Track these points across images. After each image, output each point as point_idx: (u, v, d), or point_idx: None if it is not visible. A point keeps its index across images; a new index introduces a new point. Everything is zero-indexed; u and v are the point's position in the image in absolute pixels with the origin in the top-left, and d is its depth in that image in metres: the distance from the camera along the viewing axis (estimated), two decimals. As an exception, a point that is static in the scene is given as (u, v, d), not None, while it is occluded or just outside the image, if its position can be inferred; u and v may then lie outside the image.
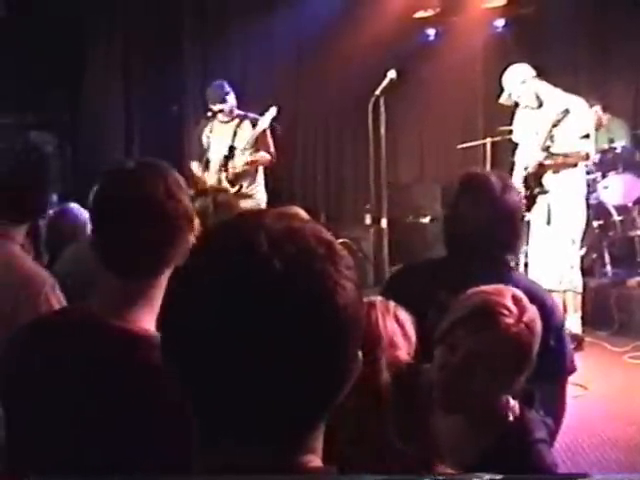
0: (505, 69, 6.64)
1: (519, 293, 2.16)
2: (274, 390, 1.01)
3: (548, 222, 6.61)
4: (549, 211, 6.58)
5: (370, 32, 9.34)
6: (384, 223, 6.32)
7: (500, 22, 9.77)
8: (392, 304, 2.04)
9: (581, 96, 8.40)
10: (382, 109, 6.07)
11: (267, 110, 7.11)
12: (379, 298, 2.05)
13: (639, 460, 4.69)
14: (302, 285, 1.01)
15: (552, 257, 6.61)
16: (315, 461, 1.08)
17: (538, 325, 2.14)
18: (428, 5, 9.78)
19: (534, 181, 6.51)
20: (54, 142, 8.51)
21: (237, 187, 7.18)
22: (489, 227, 2.83)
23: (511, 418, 2.15)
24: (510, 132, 8.04)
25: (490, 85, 9.80)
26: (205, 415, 1.06)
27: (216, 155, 7.26)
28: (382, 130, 6.09)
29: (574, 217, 6.64)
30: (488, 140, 8.60)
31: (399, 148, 10.24)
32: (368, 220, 6.43)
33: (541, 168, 6.48)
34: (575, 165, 6.59)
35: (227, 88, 7.27)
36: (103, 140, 9.02)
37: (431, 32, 10.24)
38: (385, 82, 6.05)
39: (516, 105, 6.73)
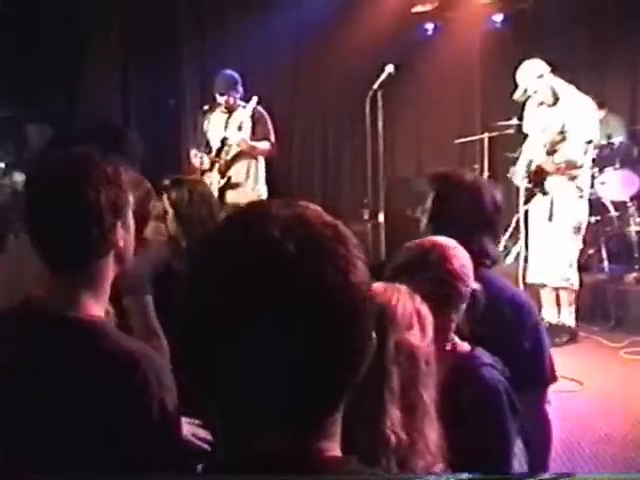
0: (518, 65, 6.55)
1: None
2: (293, 372, 1.03)
3: (550, 218, 6.60)
4: (552, 208, 6.57)
5: (368, 27, 9.33)
6: (381, 218, 6.32)
7: (498, 17, 9.77)
8: (418, 297, 2.03)
9: (580, 91, 8.46)
10: (380, 104, 6.08)
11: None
12: (404, 287, 2.05)
13: (635, 456, 4.69)
14: (316, 266, 1.04)
15: (551, 253, 6.61)
16: (333, 449, 1.10)
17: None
18: (426, 0, 9.77)
19: (535, 180, 6.50)
20: (51, 134, 8.53)
21: (226, 178, 7.17)
22: (463, 227, 2.81)
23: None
24: (507, 127, 8.07)
25: (488, 80, 9.85)
26: (225, 401, 1.08)
27: (215, 145, 7.27)
28: (379, 125, 6.09)
29: (576, 214, 6.59)
30: (485, 135, 8.62)
31: (396, 143, 10.24)
32: (366, 215, 6.42)
33: (543, 171, 6.46)
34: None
35: (237, 79, 7.24)
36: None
37: (429, 27, 10.25)
38: (383, 77, 6.06)
39: (526, 98, 6.63)
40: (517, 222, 8.83)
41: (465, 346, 2.36)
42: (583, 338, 6.95)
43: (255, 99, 7.07)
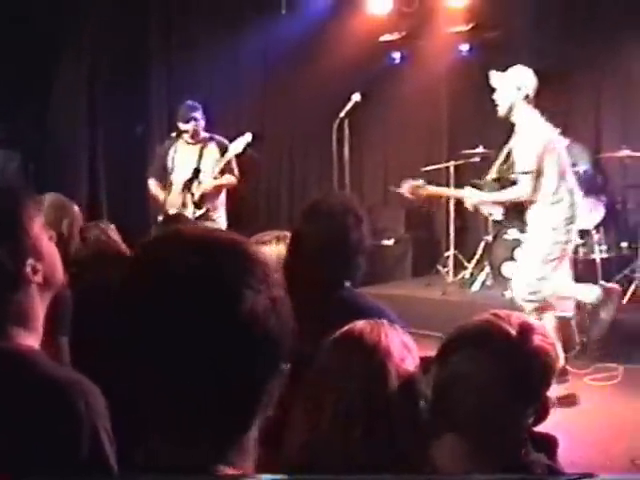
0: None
1: None
2: (190, 396, 1.04)
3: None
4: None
5: (336, 54, 9.38)
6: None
7: (465, 46, 9.86)
8: (400, 329, 2.04)
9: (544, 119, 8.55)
10: (346, 131, 6.10)
11: (240, 135, 7.10)
12: (386, 321, 2.05)
13: (599, 482, 4.70)
14: (211, 293, 1.05)
15: (518, 275, 6.50)
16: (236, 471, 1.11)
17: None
18: (394, 28, 9.85)
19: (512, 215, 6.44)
20: (18, 159, 8.47)
21: (204, 209, 7.19)
22: (322, 253, 2.83)
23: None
24: (473, 155, 8.14)
25: (454, 108, 9.94)
26: (134, 413, 1.08)
27: (180, 177, 7.24)
28: (346, 152, 6.11)
29: (542, 246, 6.24)
30: (451, 163, 8.70)
31: (364, 170, 10.29)
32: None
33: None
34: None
35: (198, 108, 7.27)
36: (68, 159, 8.96)
37: (397, 55, 10.33)
38: (350, 105, 6.09)
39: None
40: (483, 249, 8.92)
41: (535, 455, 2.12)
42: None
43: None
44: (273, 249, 3.94)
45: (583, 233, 8.07)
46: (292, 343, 1.14)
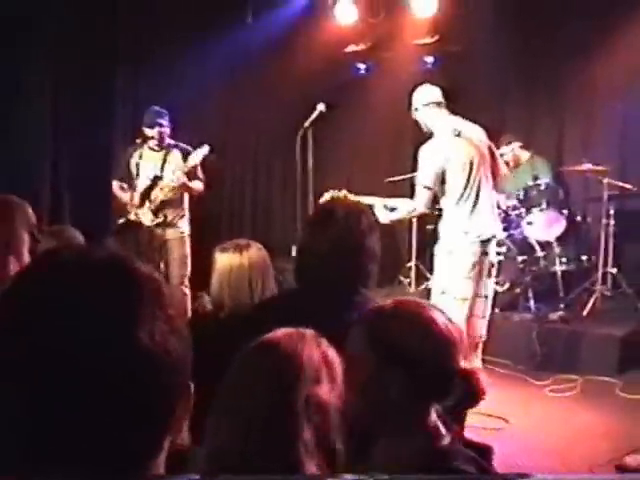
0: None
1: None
2: (92, 425, 0.99)
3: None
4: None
5: (302, 64, 9.41)
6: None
7: (429, 58, 9.92)
8: (324, 342, 1.97)
9: (507, 133, 8.61)
10: (310, 141, 6.10)
11: (199, 146, 7.11)
12: (310, 331, 1.99)
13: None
14: (95, 316, 1.00)
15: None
16: None
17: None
18: (359, 40, 9.90)
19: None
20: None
21: (161, 217, 7.16)
22: (329, 256, 2.82)
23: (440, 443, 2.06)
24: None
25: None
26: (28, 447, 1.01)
27: (143, 182, 7.23)
28: (310, 162, 6.11)
29: (439, 277, 5.97)
30: (416, 174, 8.72)
31: (327, 180, 10.26)
32: (294, 252, 6.41)
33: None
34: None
35: (165, 114, 7.26)
36: (30, 165, 8.86)
37: (362, 66, 10.38)
38: (314, 115, 6.09)
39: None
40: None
41: (446, 438, 2.09)
42: (509, 376, 7.04)
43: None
44: (232, 257, 3.95)
45: (544, 245, 8.15)
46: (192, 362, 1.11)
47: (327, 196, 6.20)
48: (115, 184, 7.43)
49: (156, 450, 1.08)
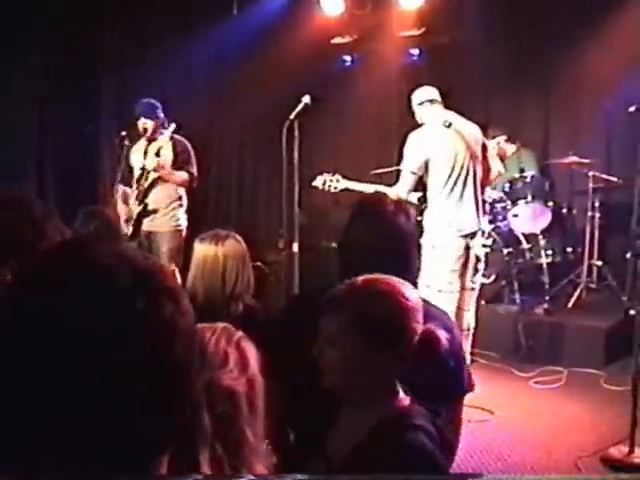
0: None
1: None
2: (96, 435, 0.98)
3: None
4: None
5: (288, 56, 9.37)
6: (295, 247, 6.31)
7: (415, 51, 9.92)
8: (239, 333, 1.98)
9: (493, 126, 8.60)
10: (296, 133, 6.09)
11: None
12: (224, 325, 1.99)
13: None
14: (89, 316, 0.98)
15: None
16: None
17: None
18: (345, 32, 9.87)
19: None
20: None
21: (143, 205, 7.14)
22: (378, 253, 2.82)
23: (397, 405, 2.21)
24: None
25: (404, 112, 9.95)
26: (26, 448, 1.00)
27: (136, 174, 7.24)
28: (295, 154, 6.10)
29: (424, 269, 5.84)
30: (401, 166, 8.71)
31: (314, 172, 10.28)
32: (281, 244, 6.40)
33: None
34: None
35: (157, 106, 7.24)
36: (15, 160, 8.82)
37: (348, 58, 10.36)
38: (299, 107, 6.07)
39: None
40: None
41: (405, 400, 2.23)
42: (494, 368, 7.06)
43: (173, 126, 7.07)
44: (207, 248, 3.95)
45: (530, 237, 8.16)
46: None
47: (319, 180, 6.27)
48: (119, 193, 7.34)
49: (159, 457, 1.08)
